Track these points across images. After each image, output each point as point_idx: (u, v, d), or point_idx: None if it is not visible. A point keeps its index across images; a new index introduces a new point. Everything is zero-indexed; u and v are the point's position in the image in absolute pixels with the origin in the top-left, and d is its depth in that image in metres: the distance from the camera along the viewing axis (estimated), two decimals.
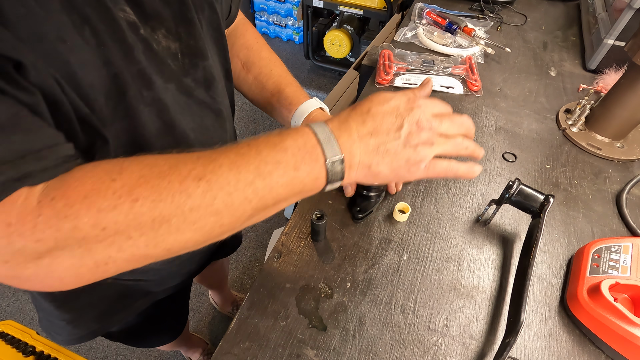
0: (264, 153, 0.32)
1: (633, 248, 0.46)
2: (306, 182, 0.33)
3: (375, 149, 0.34)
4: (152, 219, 0.28)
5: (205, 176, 0.29)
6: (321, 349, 0.43)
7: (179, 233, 0.29)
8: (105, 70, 0.33)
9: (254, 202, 0.31)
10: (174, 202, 0.28)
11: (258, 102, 0.61)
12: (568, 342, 0.44)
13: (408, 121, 0.35)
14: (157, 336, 0.89)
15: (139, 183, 0.28)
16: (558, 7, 1.12)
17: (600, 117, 0.67)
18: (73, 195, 0.27)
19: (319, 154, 0.33)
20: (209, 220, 0.30)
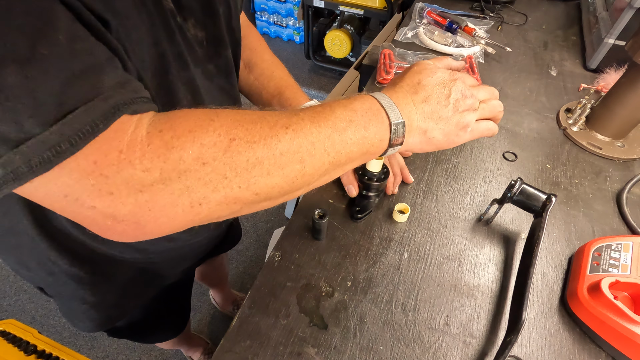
0: (338, 112, 0.34)
1: (633, 247, 0.46)
2: (373, 141, 0.36)
3: (429, 115, 0.38)
4: (247, 159, 0.29)
5: (291, 125, 0.32)
6: (322, 347, 0.43)
7: (269, 176, 0.31)
8: (154, 49, 0.35)
9: (331, 155, 0.34)
10: (266, 144, 0.30)
11: (258, 102, 0.62)
12: (568, 340, 0.44)
13: (454, 90, 0.39)
14: (161, 332, 0.90)
15: (234, 125, 0.30)
16: (558, 7, 1.12)
17: (600, 116, 0.68)
18: (179, 128, 0.28)
19: (384, 117, 0.36)
20: (295, 167, 0.32)
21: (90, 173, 0.25)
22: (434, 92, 0.38)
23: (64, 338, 1.32)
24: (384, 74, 0.79)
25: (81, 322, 0.64)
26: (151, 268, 0.63)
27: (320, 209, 0.49)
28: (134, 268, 0.60)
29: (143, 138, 0.27)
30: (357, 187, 0.56)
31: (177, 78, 0.40)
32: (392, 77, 0.79)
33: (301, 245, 0.52)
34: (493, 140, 0.68)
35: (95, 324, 0.64)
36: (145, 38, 0.34)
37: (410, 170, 0.62)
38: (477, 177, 0.62)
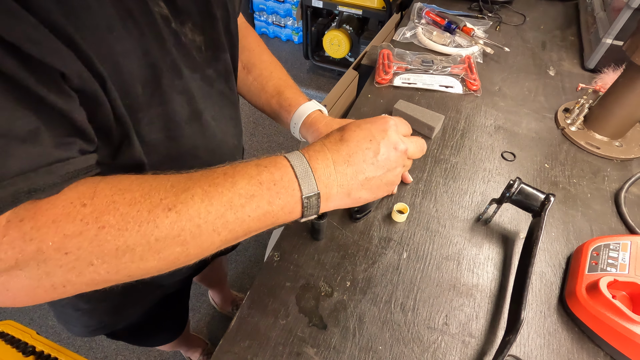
0: (239, 185, 0.32)
1: (632, 246, 0.46)
2: (279, 215, 0.34)
3: (353, 178, 0.35)
4: (117, 247, 0.28)
5: (175, 206, 0.30)
6: (321, 347, 0.43)
7: (142, 261, 0.29)
8: (144, 59, 0.35)
9: (223, 234, 0.32)
10: (140, 231, 0.28)
11: (257, 103, 0.62)
12: (567, 339, 0.44)
13: (384, 145, 0.36)
14: (160, 335, 0.89)
15: (108, 210, 0.28)
16: (557, 7, 1.12)
17: (598, 116, 0.68)
18: (42, 218, 0.27)
19: (296, 189, 0.33)
20: (174, 250, 0.30)
21: None
22: (359, 149, 0.35)
23: (63, 339, 1.32)
24: (382, 74, 0.79)
25: (74, 326, 0.63)
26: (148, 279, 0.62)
27: None
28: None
29: (1, 227, 0.26)
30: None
31: (171, 88, 0.39)
32: (390, 77, 0.79)
33: (300, 245, 0.52)
34: (492, 140, 0.69)
35: (89, 330, 0.63)
36: (133, 49, 0.33)
37: (409, 170, 0.62)
38: (475, 176, 0.62)
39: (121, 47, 0.32)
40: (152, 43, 0.35)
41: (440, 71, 0.81)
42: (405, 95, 0.77)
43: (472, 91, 0.78)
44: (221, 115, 0.48)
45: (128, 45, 0.33)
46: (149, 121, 0.39)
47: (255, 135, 2.03)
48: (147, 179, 0.31)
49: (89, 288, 0.30)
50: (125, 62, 0.33)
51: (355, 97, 0.79)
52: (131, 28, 0.33)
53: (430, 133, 0.67)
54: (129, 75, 0.34)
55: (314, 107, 0.56)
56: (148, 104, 0.37)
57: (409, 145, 0.38)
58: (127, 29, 0.32)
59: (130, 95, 0.35)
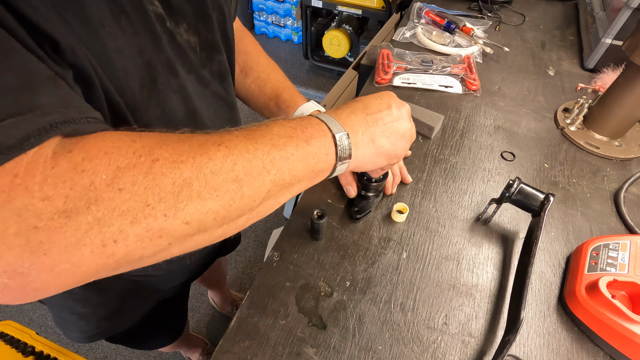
0: (275, 129, 0.33)
1: (631, 246, 0.46)
2: (319, 156, 0.34)
3: (374, 123, 0.39)
4: (173, 181, 0.25)
5: (224, 142, 0.29)
6: (321, 347, 0.43)
7: (200, 200, 0.26)
8: (139, 58, 0.34)
9: (272, 172, 0.31)
10: (195, 163, 0.26)
11: (255, 105, 0.62)
12: (566, 339, 0.44)
13: (391, 99, 0.41)
14: (158, 338, 0.89)
15: (159, 145, 0.26)
16: (556, 7, 1.12)
17: (598, 116, 0.68)
18: (93, 150, 0.24)
19: (326, 130, 0.35)
20: (230, 187, 0.28)
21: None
22: (372, 104, 0.40)
23: (62, 339, 1.32)
24: (382, 74, 0.79)
25: (71, 332, 0.63)
26: (148, 282, 0.62)
27: (319, 208, 0.49)
28: (129, 282, 0.59)
29: (47, 159, 0.22)
30: (356, 187, 0.56)
31: (167, 87, 0.39)
32: (390, 77, 0.79)
33: (300, 246, 0.52)
34: (491, 140, 0.69)
35: (85, 335, 0.63)
36: (127, 47, 0.33)
37: (409, 170, 0.62)
38: (475, 176, 0.62)
39: (114, 43, 0.31)
40: (147, 41, 0.34)
41: (440, 71, 0.81)
42: (405, 95, 0.77)
43: (471, 91, 0.78)
44: (216, 117, 0.48)
45: (122, 42, 0.32)
46: (147, 122, 0.38)
47: None
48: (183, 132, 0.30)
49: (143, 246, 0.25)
50: (118, 59, 0.32)
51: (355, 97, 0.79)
52: (125, 25, 0.32)
53: (430, 133, 0.67)
54: (124, 73, 0.33)
55: (312, 108, 0.56)
56: (146, 104, 0.37)
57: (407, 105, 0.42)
58: (120, 26, 0.32)
59: (126, 94, 0.34)
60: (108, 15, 0.31)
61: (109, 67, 0.32)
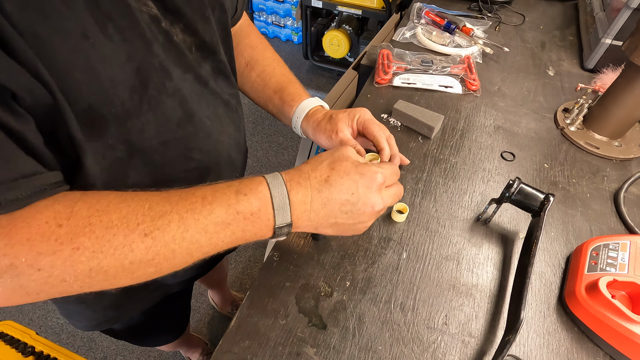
0: (216, 213, 0.33)
1: (631, 246, 0.46)
2: (250, 239, 0.36)
3: (325, 219, 0.37)
4: (90, 268, 0.29)
5: (152, 232, 0.31)
6: (321, 347, 0.43)
7: (115, 280, 0.31)
8: (128, 64, 0.34)
9: (195, 256, 0.33)
10: (115, 254, 0.29)
11: (259, 99, 0.62)
12: (566, 339, 0.44)
13: (363, 202, 0.37)
14: (161, 335, 0.89)
15: (84, 232, 0.29)
16: (556, 7, 1.12)
17: (598, 116, 0.68)
18: (16, 236, 0.27)
19: (270, 219, 0.35)
20: (147, 271, 0.31)
21: None
22: (339, 197, 0.36)
23: (62, 339, 1.32)
24: (382, 74, 0.79)
25: (78, 321, 0.63)
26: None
27: None
28: None
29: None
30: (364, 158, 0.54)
31: (161, 92, 0.38)
32: (390, 77, 0.79)
33: (300, 245, 0.52)
34: (491, 140, 0.69)
35: (92, 324, 0.63)
36: (114, 55, 0.33)
37: (409, 170, 0.62)
38: (475, 176, 0.62)
39: (99, 53, 0.31)
40: (137, 47, 0.34)
41: (440, 71, 0.81)
42: (405, 95, 0.77)
43: (471, 91, 0.78)
44: (216, 115, 0.48)
45: (108, 51, 0.32)
46: (140, 128, 0.38)
47: (255, 135, 2.03)
48: (126, 199, 0.32)
49: (63, 295, 0.31)
50: (104, 68, 0.32)
51: (355, 97, 0.79)
52: (111, 33, 0.32)
53: (430, 133, 0.68)
54: (111, 82, 0.33)
55: (316, 103, 0.56)
56: (137, 110, 0.37)
57: (388, 202, 0.39)
58: (106, 34, 0.31)
59: (114, 103, 0.34)
60: (92, 25, 0.30)
61: (93, 78, 0.32)
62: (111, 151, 0.37)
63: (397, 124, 0.71)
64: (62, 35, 0.29)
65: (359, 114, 0.51)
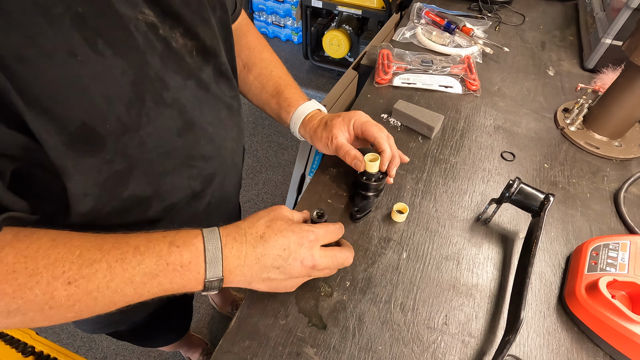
0: (145, 264, 0.34)
1: (631, 246, 0.46)
2: (178, 290, 0.36)
3: (258, 274, 0.38)
4: (8, 311, 0.30)
5: (76, 280, 0.31)
6: (321, 347, 0.43)
7: (32, 322, 0.31)
8: (123, 79, 0.33)
9: (118, 304, 0.34)
10: (35, 301, 0.30)
11: (258, 102, 0.62)
12: (566, 339, 0.44)
13: (293, 257, 0.39)
14: (164, 336, 0.89)
15: (6, 279, 0.30)
16: (556, 7, 1.12)
17: (598, 116, 0.68)
18: None
19: (200, 273, 0.35)
20: (67, 316, 0.32)
21: None
22: (272, 253, 0.38)
23: (62, 339, 1.32)
24: (382, 74, 0.79)
25: (84, 325, 0.63)
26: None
27: (319, 208, 0.49)
28: None
29: None
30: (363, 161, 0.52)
31: (158, 103, 0.37)
32: (390, 77, 0.79)
33: None
34: (491, 140, 0.69)
35: (97, 327, 0.63)
36: (106, 70, 0.32)
37: (409, 170, 0.62)
38: (475, 176, 0.62)
39: (89, 71, 0.31)
40: (131, 59, 0.34)
41: (440, 71, 0.81)
42: (405, 95, 0.77)
43: (471, 91, 0.78)
44: (219, 120, 0.48)
45: (99, 67, 0.31)
46: (140, 141, 0.37)
47: (255, 135, 2.03)
48: (58, 244, 0.32)
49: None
50: (96, 85, 0.31)
51: (355, 97, 0.79)
52: (102, 49, 0.31)
53: (430, 133, 0.68)
54: (104, 99, 0.32)
55: (313, 107, 0.56)
56: (136, 124, 0.36)
57: (319, 261, 0.40)
58: (95, 50, 0.31)
59: (110, 119, 0.34)
60: (80, 42, 0.30)
61: (84, 96, 0.31)
62: (109, 165, 0.37)
63: (397, 124, 0.71)
64: (48, 55, 0.28)
65: (354, 117, 0.51)
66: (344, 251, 0.43)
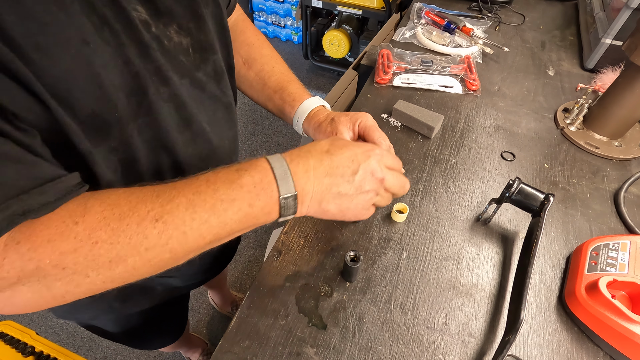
0: (221, 191, 0.33)
1: (631, 246, 0.46)
2: (259, 216, 0.35)
3: (328, 189, 0.37)
4: (110, 260, 0.30)
5: (162, 217, 0.31)
6: (321, 347, 0.43)
7: (134, 270, 0.31)
8: (126, 69, 0.34)
9: (207, 238, 0.33)
10: (131, 243, 0.30)
11: (259, 99, 0.61)
12: (566, 339, 0.44)
13: (363, 168, 0.38)
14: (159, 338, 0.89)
15: (99, 226, 0.30)
16: (556, 7, 1.12)
17: (598, 116, 0.68)
18: (37, 239, 0.28)
19: (274, 190, 0.35)
20: (164, 257, 0.32)
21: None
22: (341, 164, 0.37)
23: (62, 339, 1.32)
24: (382, 74, 0.79)
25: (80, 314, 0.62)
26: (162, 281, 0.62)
27: (353, 250, 0.46)
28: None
29: (0, 250, 0.27)
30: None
31: (158, 96, 0.38)
32: (390, 77, 0.79)
33: (300, 245, 0.52)
34: (491, 140, 0.69)
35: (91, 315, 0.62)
36: (113, 59, 0.33)
37: (408, 170, 0.62)
38: (475, 176, 0.62)
39: (100, 59, 0.31)
40: (133, 51, 0.34)
41: (440, 71, 0.81)
42: (405, 95, 0.77)
43: (471, 91, 0.78)
44: (215, 120, 0.47)
45: (107, 56, 0.32)
46: (139, 131, 0.38)
47: (255, 135, 2.03)
48: (134, 191, 0.32)
49: (88, 294, 0.31)
50: (105, 73, 0.32)
51: (355, 97, 0.79)
52: (108, 37, 0.32)
53: (430, 133, 0.68)
54: (112, 88, 0.33)
55: (318, 103, 0.56)
56: (135, 114, 0.37)
57: (387, 176, 0.39)
58: (104, 38, 0.31)
59: (117, 107, 0.34)
60: (91, 30, 0.30)
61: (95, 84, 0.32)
62: (114, 154, 0.37)
63: (397, 124, 0.71)
64: (63, 43, 0.29)
65: (361, 118, 0.51)
66: (405, 177, 0.42)
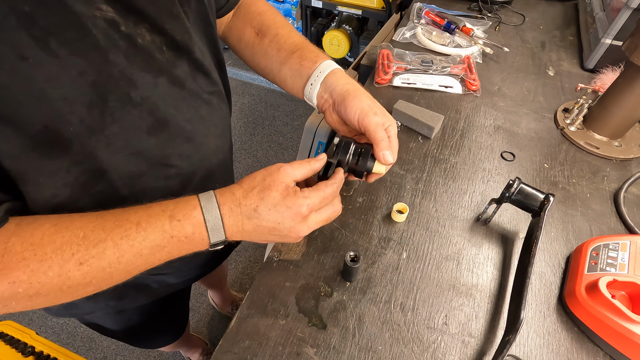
0: (150, 239, 0.35)
1: (631, 246, 0.46)
2: (182, 254, 0.38)
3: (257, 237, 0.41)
4: (29, 295, 0.31)
5: (87, 261, 0.33)
6: (321, 347, 0.43)
7: (56, 300, 0.33)
8: (82, 79, 0.32)
9: (132, 273, 0.36)
10: (52, 283, 0.31)
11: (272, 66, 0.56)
12: (566, 339, 0.44)
13: (288, 229, 0.40)
14: (160, 337, 0.89)
15: (18, 267, 0.30)
16: (556, 7, 1.12)
17: (598, 116, 0.68)
18: None
19: (204, 239, 0.37)
20: (87, 290, 0.34)
21: None
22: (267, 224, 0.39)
23: (62, 339, 1.32)
24: (382, 74, 0.79)
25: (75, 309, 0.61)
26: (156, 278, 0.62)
27: (353, 250, 0.46)
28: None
29: None
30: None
31: (125, 102, 0.36)
32: (390, 77, 0.79)
33: (300, 245, 0.52)
34: (491, 140, 0.69)
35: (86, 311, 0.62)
36: (62, 72, 0.31)
37: (409, 170, 0.62)
38: (475, 177, 0.62)
39: (43, 73, 0.29)
40: (90, 59, 0.32)
41: (440, 71, 0.81)
42: (405, 96, 0.77)
43: (471, 91, 0.78)
44: (198, 117, 0.46)
45: (53, 69, 0.30)
46: (107, 142, 0.37)
47: (255, 135, 2.03)
48: (60, 228, 0.33)
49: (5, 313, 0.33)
50: (53, 88, 0.30)
51: None
52: (55, 48, 0.29)
53: (430, 133, 0.68)
54: (63, 102, 0.32)
55: (333, 65, 0.52)
56: (100, 125, 0.35)
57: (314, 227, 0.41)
58: (49, 51, 0.29)
59: (72, 122, 0.33)
60: (30, 44, 0.28)
61: (41, 99, 0.30)
62: (77, 166, 0.37)
63: (397, 124, 0.71)
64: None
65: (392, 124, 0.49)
66: (334, 205, 0.43)
